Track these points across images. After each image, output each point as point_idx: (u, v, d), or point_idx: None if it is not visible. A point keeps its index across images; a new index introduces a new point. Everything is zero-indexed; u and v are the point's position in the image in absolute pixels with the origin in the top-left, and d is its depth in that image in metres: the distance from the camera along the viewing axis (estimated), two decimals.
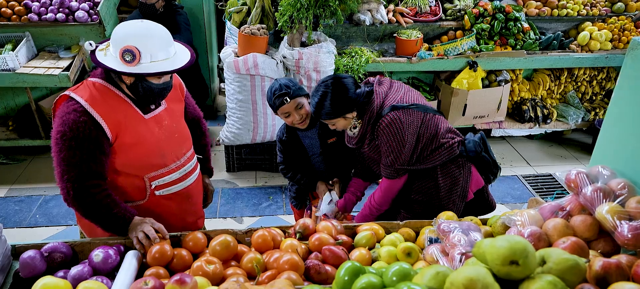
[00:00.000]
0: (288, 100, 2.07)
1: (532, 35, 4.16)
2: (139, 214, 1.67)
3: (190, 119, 2.01)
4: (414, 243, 1.62)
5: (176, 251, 1.55)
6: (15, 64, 3.46)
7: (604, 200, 1.32)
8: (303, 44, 3.55)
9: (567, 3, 4.31)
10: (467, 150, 2.04)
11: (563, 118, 4.46)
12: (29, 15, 3.66)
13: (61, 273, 1.44)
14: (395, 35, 3.98)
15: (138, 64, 1.54)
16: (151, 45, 1.55)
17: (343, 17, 3.38)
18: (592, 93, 4.63)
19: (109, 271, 1.46)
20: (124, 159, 1.69)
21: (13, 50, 3.48)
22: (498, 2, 4.15)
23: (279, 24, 3.33)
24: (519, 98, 4.50)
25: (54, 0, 3.69)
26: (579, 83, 4.58)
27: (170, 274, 1.44)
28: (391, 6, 4.09)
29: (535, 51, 4.14)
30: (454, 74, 4.08)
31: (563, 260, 1.04)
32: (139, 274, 1.48)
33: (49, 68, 3.51)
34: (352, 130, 2.02)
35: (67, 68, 3.53)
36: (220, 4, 4.30)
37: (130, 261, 1.47)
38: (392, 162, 1.94)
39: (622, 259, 1.18)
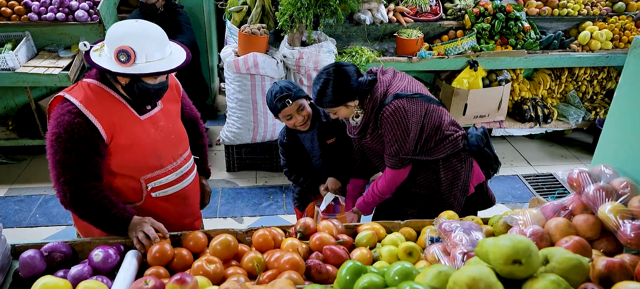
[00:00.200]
0: (290, 103, 2.05)
1: (533, 34, 4.15)
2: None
3: (187, 120, 1.99)
4: (415, 243, 1.62)
5: (176, 250, 1.54)
6: (15, 64, 3.46)
7: (607, 199, 1.31)
8: (303, 44, 3.54)
9: (568, 2, 4.30)
10: (470, 144, 2.03)
11: (564, 118, 4.46)
12: (29, 14, 3.65)
13: (61, 273, 1.44)
14: (395, 34, 3.97)
15: (133, 64, 1.52)
16: (147, 45, 1.53)
17: (343, 17, 3.38)
18: (593, 92, 4.63)
19: (109, 270, 1.45)
20: (120, 160, 1.67)
21: (13, 49, 3.47)
22: (499, 2, 4.14)
23: (279, 24, 3.33)
24: (520, 98, 4.49)
25: (53, 0, 3.68)
26: (580, 83, 4.57)
27: (171, 274, 1.43)
28: (391, 5, 4.08)
29: (536, 50, 4.13)
30: (454, 74, 4.07)
31: (566, 259, 1.04)
32: (139, 274, 1.47)
33: (48, 67, 3.51)
34: (354, 119, 1.99)
35: (67, 68, 3.52)
36: (221, 3, 4.29)
37: (130, 260, 1.46)
38: (397, 151, 1.91)
39: (626, 258, 1.18)
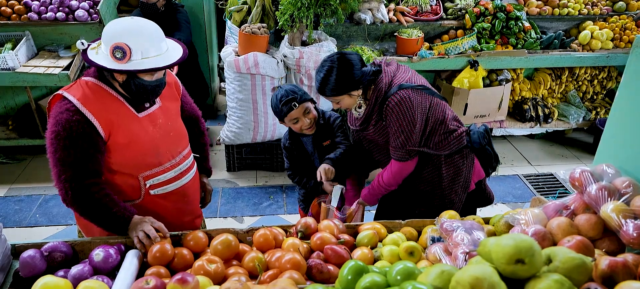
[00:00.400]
0: (296, 106, 2.03)
1: (533, 34, 4.15)
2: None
3: (187, 117, 1.98)
4: (416, 242, 1.61)
5: (177, 250, 1.53)
6: (15, 63, 3.45)
7: (609, 199, 1.31)
8: (304, 43, 3.54)
9: (568, 2, 4.30)
10: (472, 141, 2.03)
11: (564, 118, 4.45)
12: (29, 14, 3.64)
13: (61, 273, 1.43)
14: (396, 34, 3.97)
15: (129, 61, 1.52)
16: (142, 42, 1.53)
17: (344, 16, 3.37)
18: (593, 92, 4.62)
19: (109, 270, 1.45)
20: (119, 158, 1.68)
21: (13, 49, 3.46)
22: (499, 1, 4.13)
23: (279, 23, 3.33)
24: (520, 98, 4.49)
25: (53, 0, 3.68)
26: (580, 83, 4.57)
27: (172, 274, 1.43)
28: (392, 5, 4.07)
29: (536, 50, 4.13)
30: (454, 73, 4.07)
31: (569, 259, 1.03)
32: (140, 273, 1.47)
33: (48, 67, 3.50)
34: (357, 110, 1.97)
35: (67, 68, 3.51)
36: (221, 2, 4.28)
37: (131, 260, 1.46)
38: (403, 143, 1.88)
39: (628, 258, 1.18)
